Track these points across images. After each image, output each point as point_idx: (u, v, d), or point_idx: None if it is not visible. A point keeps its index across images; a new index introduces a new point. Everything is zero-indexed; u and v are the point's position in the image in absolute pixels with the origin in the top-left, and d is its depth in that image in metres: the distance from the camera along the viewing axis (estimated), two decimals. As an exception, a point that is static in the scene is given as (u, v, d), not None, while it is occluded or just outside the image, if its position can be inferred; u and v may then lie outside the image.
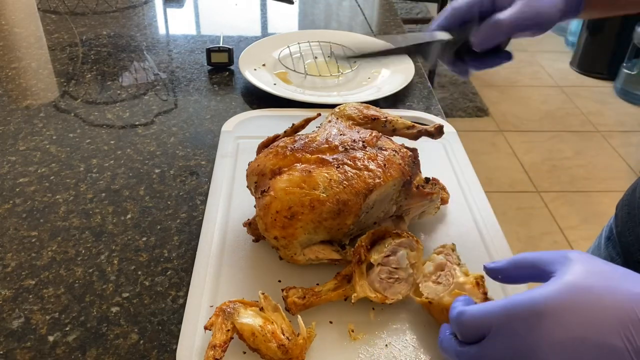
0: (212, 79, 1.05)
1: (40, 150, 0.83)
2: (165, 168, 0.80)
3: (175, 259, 0.65)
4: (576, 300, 0.38)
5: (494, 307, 0.41)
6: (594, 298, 0.38)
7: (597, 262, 0.41)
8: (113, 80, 1.03)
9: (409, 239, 0.59)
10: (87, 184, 0.76)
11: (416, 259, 0.58)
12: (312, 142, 0.62)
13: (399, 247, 0.58)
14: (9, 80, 1.02)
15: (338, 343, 0.54)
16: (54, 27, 1.24)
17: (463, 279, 0.54)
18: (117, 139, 0.86)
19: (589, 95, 3.15)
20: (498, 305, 0.41)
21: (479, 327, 0.42)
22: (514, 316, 0.40)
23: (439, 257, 0.58)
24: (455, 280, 0.54)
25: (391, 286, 0.56)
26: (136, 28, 1.25)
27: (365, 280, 0.56)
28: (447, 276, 0.55)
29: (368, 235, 0.58)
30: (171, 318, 0.58)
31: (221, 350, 0.50)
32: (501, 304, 0.41)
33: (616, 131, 2.83)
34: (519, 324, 0.39)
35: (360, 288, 0.55)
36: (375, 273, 0.57)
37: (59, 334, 0.56)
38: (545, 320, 0.38)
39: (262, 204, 0.58)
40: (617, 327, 0.36)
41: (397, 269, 0.57)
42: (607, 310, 0.37)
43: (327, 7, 1.44)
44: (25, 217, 0.70)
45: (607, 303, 0.37)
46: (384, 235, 0.59)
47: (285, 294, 0.55)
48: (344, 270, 0.58)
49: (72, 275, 0.63)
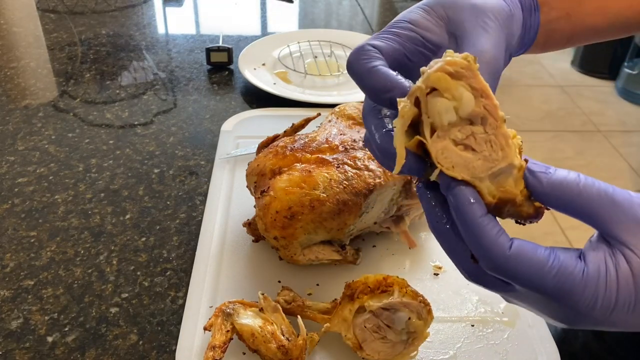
0: (212, 79, 1.04)
1: (39, 150, 0.83)
2: (164, 168, 0.80)
3: (174, 260, 0.65)
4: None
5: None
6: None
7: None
8: (112, 80, 1.03)
9: (420, 305, 0.50)
10: (86, 184, 0.76)
11: (419, 329, 0.51)
12: (312, 142, 0.62)
13: (403, 308, 0.50)
14: (8, 80, 1.02)
15: (338, 346, 0.53)
16: (53, 26, 1.23)
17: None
18: (116, 139, 0.86)
19: (590, 95, 3.14)
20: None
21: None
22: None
23: (468, 98, 0.32)
24: (504, 155, 0.33)
25: (373, 341, 0.50)
26: (135, 27, 1.25)
27: (349, 318, 0.51)
28: (487, 141, 0.33)
29: (378, 278, 0.52)
30: (170, 319, 0.58)
31: (221, 351, 0.49)
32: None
33: (617, 131, 2.83)
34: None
35: (339, 322, 0.52)
36: (363, 319, 0.51)
37: (58, 335, 0.56)
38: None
39: (262, 204, 0.57)
40: None
41: (389, 328, 0.50)
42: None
43: (327, 6, 1.44)
44: (24, 217, 0.70)
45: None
46: (400, 286, 0.51)
47: (279, 291, 0.55)
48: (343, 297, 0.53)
49: (71, 275, 0.62)
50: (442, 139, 0.33)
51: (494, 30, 0.40)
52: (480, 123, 0.32)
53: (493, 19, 0.41)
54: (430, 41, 0.41)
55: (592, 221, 0.32)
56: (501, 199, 0.33)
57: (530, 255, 0.31)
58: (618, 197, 0.31)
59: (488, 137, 0.32)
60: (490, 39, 0.40)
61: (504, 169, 0.33)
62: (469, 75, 0.32)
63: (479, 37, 0.39)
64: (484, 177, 0.33)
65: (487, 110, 0.32)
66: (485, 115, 0.32)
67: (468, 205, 0.32)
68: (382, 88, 0.36)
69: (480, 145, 0.33)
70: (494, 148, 0.33)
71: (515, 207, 0.33)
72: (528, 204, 0.33)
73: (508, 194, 0.33)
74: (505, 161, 0.32)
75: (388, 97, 0.36)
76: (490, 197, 0.33)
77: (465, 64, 0.32)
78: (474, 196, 0.32)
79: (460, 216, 0.32)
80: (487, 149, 0.33)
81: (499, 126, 0.32)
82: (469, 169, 0.33)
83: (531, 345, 0.54)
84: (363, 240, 0.66)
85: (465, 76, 0.32)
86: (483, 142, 0.33)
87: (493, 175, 0.33)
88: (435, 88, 0.32)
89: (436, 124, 0.33)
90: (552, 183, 0.32)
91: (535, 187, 0.32)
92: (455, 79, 0.32)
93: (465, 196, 0.32)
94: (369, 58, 0.38)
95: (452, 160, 0.33)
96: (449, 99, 0.32)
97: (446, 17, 0.42)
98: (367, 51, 0.38)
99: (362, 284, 0.52)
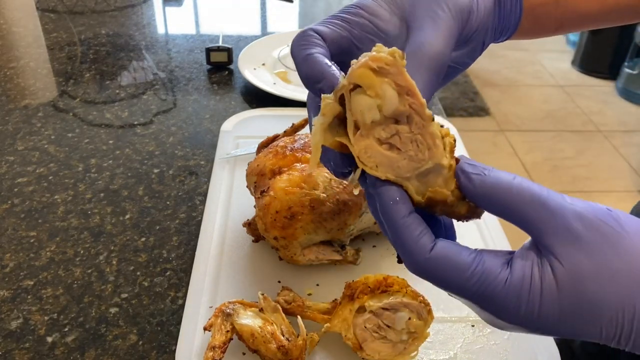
0: (212, 79, 1.04)
1: (38, 150, 0.83)
2: (164, 168, 0.80)
3: (174, 260, 0.65)
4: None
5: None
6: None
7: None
8: (112, 80, 1.03)
9: (420, 305, 0.51)
10: (86, 184, 0.76)
11: (419, 330, 0.50)
12: (312, 142, 0.61)
13: (403, 307, 0.50)
14: (7, 80, 1.02)
15: (338, 346, 0.53)
16: (52, 26, 1.23)
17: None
18: (116, 139, 0.86)
19: (590, 95, 3.14)
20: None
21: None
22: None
23: (392, 96, 0.31)
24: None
25: (373, 341, 0.50)
26: (135, 27, 1.25)
27: (349, 318, 0.51)
28: (412, 141, 0.32)
29: (378, 278, 0.52)
30: (170, 319, 0.58)
31: (220, 351, 0.49)
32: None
33: (618, 131, 2.82)
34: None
35: (339, 322, 0.52)
36: (363, 319, 0.51)
37: (58, 335, 0.56)
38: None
39: (262, 204, 0.57)
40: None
41: (389, 328, 0.50)
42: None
43: (327, 5, 1.44)
44: (23, 217, 0.70)
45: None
46: (401, 286, 0.51)
47: (279, 291, 0.55)
48: (343, 297, 0.53)
49: (71, 275, 0.62)
50: (365, 138, 0.32)
51: (444, 21, 0.38)
52: (406, 122, 0.31)
53: (445, 9, 0.39)
54: (381, 29, 0.40)
55: (524, 227, 0.31)
56: (431, 198, 0.32)
57: (453, 258, 0.31)
58: (551, 202, 0.30)
59: (414, 136, 0.32)
60: (438, 30, 0.38)
61: (431, 169, 0.32)
62: (394, 72, 0.31)
63: (426, 28, 0.38)
64: (411, 176, 0.32)
65: (413, 108, 0.31)
66: (411, 113, 0.31)
67: (391, 205, 0.32)
68: (314, 78, 0.35)
69: (405, 145, 0.32)
70: (420, 148, 0.32)
71: (446, 207, 0.33)
72: (461, 204, 0.32)
73: (438, 194, 0.32)
74: (432, 161, 0.32)
75: (318, 88, 0.35)
76: (419, 196, 0.32)
77: (391, 60, 0.30)
78: (399, 195, 0.32)
79: (383, 216, 0.32)
80: (413, 149, 0.32)
81: (425, 125, 0.31)
82: (393, 168, 0.32)
83: (531, 345, 0.54)
84: (363, 240, 0.66)
85: (390, 73, 0.31)
86: (408, 141, 0.32)
87: (420, 175, 0.32)
88: (359, 85, 0.31)
89: (359, 122, 0.32)
90: (484, 184, 0.31)
91: (466, 188, 0.32)
92: (380, 75, 0.31)
93: (388, 196, 0.32)
94: (307, 44, 0.36)
95: (375, 160, 0.32)
96: (371, 96, 0.31)
97: (401, 4, 0.40)
98: (307, 37, 0.37)
99: (362, 284, 0.52)
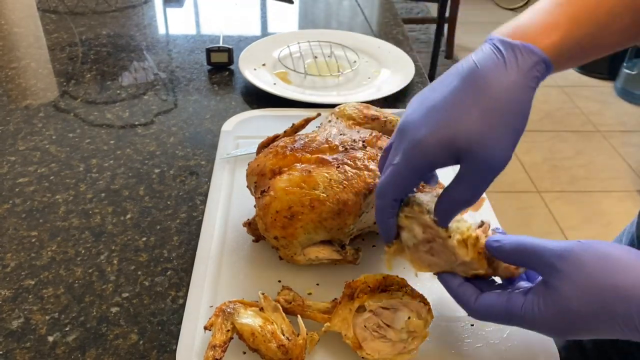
0: (212, 79, 1.04)
1: (39, 150, 0.83)
2: (165, 168, 0.80)
3: (175, 259, 0.65)
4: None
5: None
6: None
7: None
8: (113, 80, 1.03)
9: (420, 305, 0.52)
10: (87, 184, 0.76)
11: (419, 329, 0.51)
12: (312, 142, 0.62)
13: (403, 307, 0.52)
14: (9, 80, 1.02)
15: (339, 345, 0.54)
16: (53, 26, 1.24)
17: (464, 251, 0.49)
18: (117, 139, 0.86)
19: (589, 95, 3.14)
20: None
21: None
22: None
23: (418, 231, 0.51)
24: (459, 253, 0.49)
25: (373, 340, 0.51)
26: (136, 28, 1.25)
27: (349, 317, 0.52)
28: (442, 251, 0.50)
29: (378, 277, 0.53)
30: (171, 318, 0.58)
31: (221, 351, 0.50)
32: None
33: (616, 131, 2.83)
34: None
35: (339, 321, 0.52)
36: (363, 318, 0.52)
37: (59, 334, 0.56)
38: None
39: (262, 204, 0.58)
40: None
41: (389, 327, 0.51)
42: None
43: (327, 6, 1.44)
44: (24, 217, 0.70)
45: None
46: (400, 286, 0.53)
47: (279, 291, 0.55)
48: (343, 296, 0.54)
49: (72, 275, 0.62)
50: (414, 252, 0.51)
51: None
52: (434, 241, 0.50)
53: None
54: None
55: (534, 270, 0.46)
56: (474, 274, 0.49)
57: (489, 304, 0.47)
58: (546, 253, 0.44)
59: (442, 248, 0.49)
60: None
61: (461, 263, 0.49)
62: (418, 218, 0.50)
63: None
64: (452, 268, 0.49)
65: (433, 235, 0.49)
66: (434, 237, 0.49)
67: (446, 283, 0.50)
68: (385, 232, 0.52)
69: (439, 253, 0.50)
70: (447, 254, 0.49)
71: (487, 276, 0.49)
72: (500, 268, 0.49)
73: (476, 272, 0.49)
74: (459, 260, 0.48)
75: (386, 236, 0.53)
76: (465, 275, 0.49)
77: (426, 221, 0.50)
78: (450, 277, 0.50)
79: (446, 289, 0.50)
80: (444, 255, 0.49)
81: (444, 242, 0.49)
82: (438, 266, 0.50)
83: (530, 344, 0.54)
84: (363, 240, 0.66)
85: (416, 218, 0.50)
86: (440, 251, 0.50)
87: (458, 266, 0.49)
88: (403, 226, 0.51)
89: (408, 245, 0.51)
90: (505, 251, 0.46)
91: (498, 258, 0.48)
92: (412, 218, 0.51)
93: (444, 279, 0.50)
94: (390, 213, 0.51)
95: (424, 263, 0.51)
96: (409, 232, 0.51)
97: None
98: (389, 209, 0.51)
99: (362, 284, 0.52)
